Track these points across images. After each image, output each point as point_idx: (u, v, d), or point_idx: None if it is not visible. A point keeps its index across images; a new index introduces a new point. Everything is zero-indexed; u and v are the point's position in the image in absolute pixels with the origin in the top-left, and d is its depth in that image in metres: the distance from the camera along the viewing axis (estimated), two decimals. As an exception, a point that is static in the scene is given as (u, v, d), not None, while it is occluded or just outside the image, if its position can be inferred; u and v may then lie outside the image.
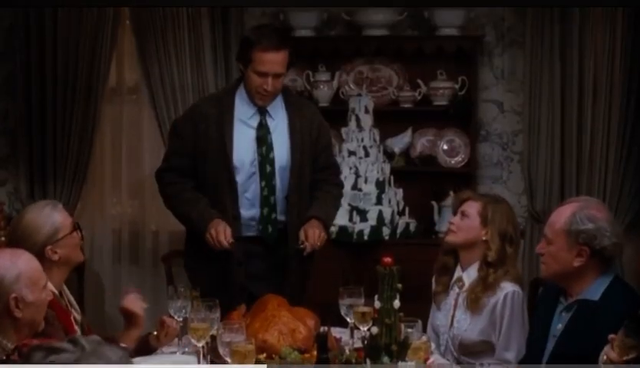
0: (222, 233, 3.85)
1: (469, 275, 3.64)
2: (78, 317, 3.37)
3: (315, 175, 4.09)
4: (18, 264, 2.75)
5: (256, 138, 3.99)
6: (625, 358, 2.70)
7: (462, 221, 3.66)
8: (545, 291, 3.45)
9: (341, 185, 4.28)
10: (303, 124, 4.04)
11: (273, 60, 3.89)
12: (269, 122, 4.01)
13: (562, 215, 3.20)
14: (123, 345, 3.10)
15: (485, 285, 3.56)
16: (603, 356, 2.76)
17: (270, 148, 3.99)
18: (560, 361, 2.93)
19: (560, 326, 3.20)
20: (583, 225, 3.14)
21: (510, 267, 3.59)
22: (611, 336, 2.75)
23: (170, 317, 3.44)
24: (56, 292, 3.24)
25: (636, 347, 2.69)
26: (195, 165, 4.01)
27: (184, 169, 4.02)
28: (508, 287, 3.56)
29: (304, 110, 4.10)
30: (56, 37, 5.40)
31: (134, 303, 3.38)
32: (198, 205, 3.95)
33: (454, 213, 3.76)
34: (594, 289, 3.17)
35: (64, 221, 3.31)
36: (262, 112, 4.01)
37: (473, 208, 3.66)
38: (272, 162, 3.98)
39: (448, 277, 3.71)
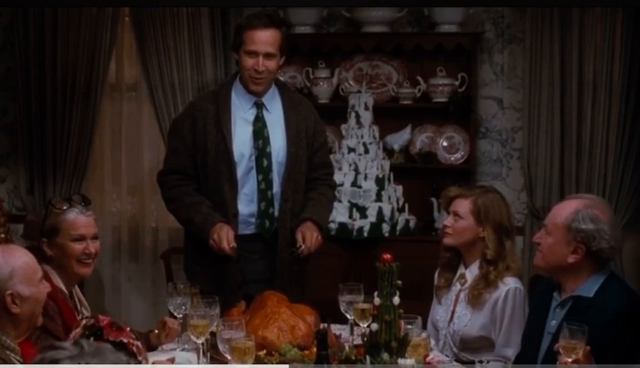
0: (224, 239, 3.85)
1: (471, 272, 3.65)
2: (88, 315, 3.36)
3: (311, 174, 4.09)
4: (10, 260, 2.73)
5: (253, 131, 3.99)
6: (570, 360, 2.80)
7: (456, 223, 3.66)
8: (539, 288, 3.45)
9: (334, 187, 4.29)
10: (299, 120, 4.04)
11: (262, 37, 3.91)
12: (266, 115, 4.01)
13: (565, 210, 3.20)
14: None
15: (487, 282, 3.57)
16: (557, 364, 2.85)
17: (267, 141, 3.98)
18: (555, 358, 2.94)
19: (555, 322, 3.20)
20: (584, 224, 3.14)
21: (510, 261, 3.60)
22: (556, 345, 2.85)
23: (171, 316, 3.44)
24: (65, 291, 3.24)
25: (578, 347, 2.79)
26: (195, 164, 4.00)
27: (184, 170, 4.01)
28: (510, 283, 3.57)
29: (301, 107, 4.10)
30: (56, 34, 5.39)
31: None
32: (200, 209, 3.93)
33: (447, 212, 3.76)
34: (588, 286, 3.17)
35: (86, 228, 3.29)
36: (259, 105, 4.01)
37: (464, 206, 3.66)
38: (268, 156, 3.98)
39: (452, 273, 3.72)
